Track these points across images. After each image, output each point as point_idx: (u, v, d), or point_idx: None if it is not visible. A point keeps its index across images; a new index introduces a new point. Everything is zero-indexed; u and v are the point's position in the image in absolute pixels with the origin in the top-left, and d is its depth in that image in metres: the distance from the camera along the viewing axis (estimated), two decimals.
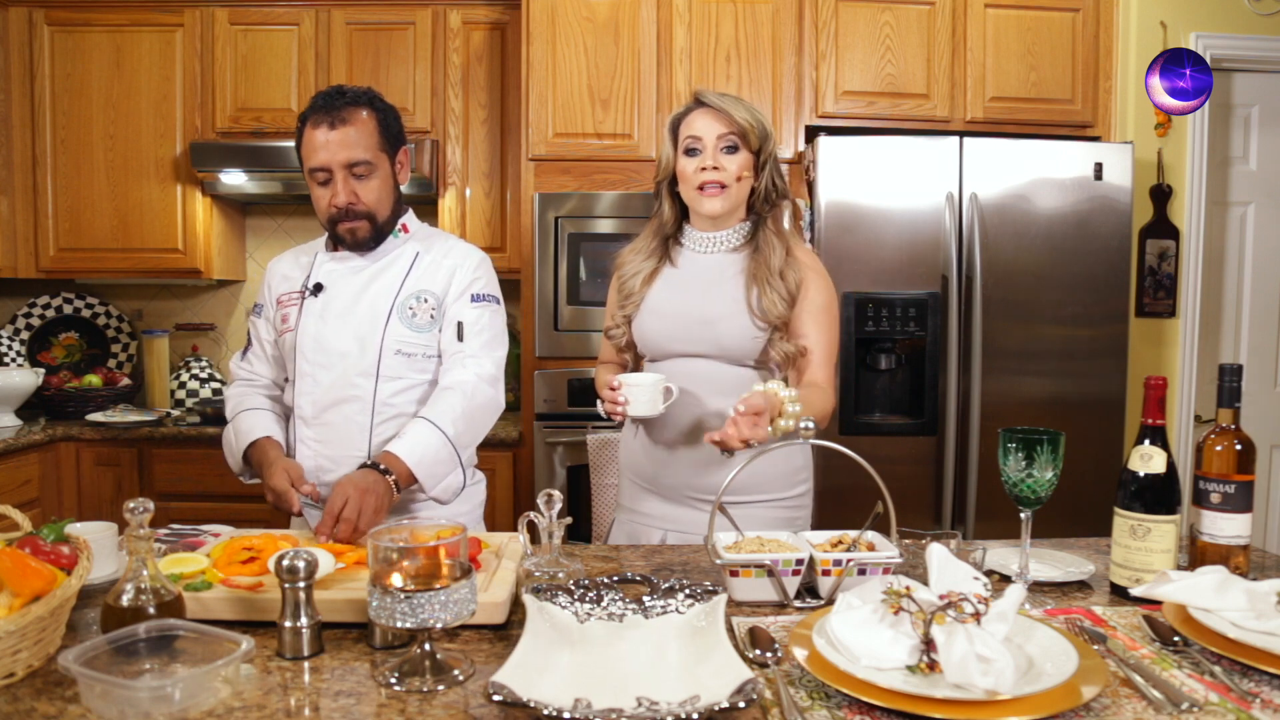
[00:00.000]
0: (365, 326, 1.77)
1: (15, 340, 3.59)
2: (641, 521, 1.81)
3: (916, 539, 1.33)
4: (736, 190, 1.69)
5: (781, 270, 1.67)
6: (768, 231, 1.72)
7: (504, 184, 3.39)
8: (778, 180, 1.72)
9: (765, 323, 1.68)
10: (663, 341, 1.77)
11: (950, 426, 2.87)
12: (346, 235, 1.76)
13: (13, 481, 2.90)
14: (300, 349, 1.78)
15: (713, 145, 1.67)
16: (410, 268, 1.81)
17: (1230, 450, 1.34)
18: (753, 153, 1.69)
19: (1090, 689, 0.94)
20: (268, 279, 1.91)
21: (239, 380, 1.91)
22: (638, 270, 1.80)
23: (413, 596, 1.00)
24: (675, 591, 1.18)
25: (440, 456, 1.69)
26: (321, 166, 1.70)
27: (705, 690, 0.94)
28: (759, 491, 1.71)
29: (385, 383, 1.77)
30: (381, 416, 1.77)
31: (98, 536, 1.35)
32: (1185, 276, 3.16)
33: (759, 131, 1.67)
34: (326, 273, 1.81)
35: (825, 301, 1.72)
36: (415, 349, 1.79)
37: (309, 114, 1.72)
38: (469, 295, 1.82)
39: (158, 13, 3.34)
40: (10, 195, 3.34)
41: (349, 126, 1.69)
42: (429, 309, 1.80)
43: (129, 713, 0.90)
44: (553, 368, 3.02)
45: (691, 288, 1.74)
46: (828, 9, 3.08)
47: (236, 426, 1.82)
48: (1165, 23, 3.07)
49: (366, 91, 1.76)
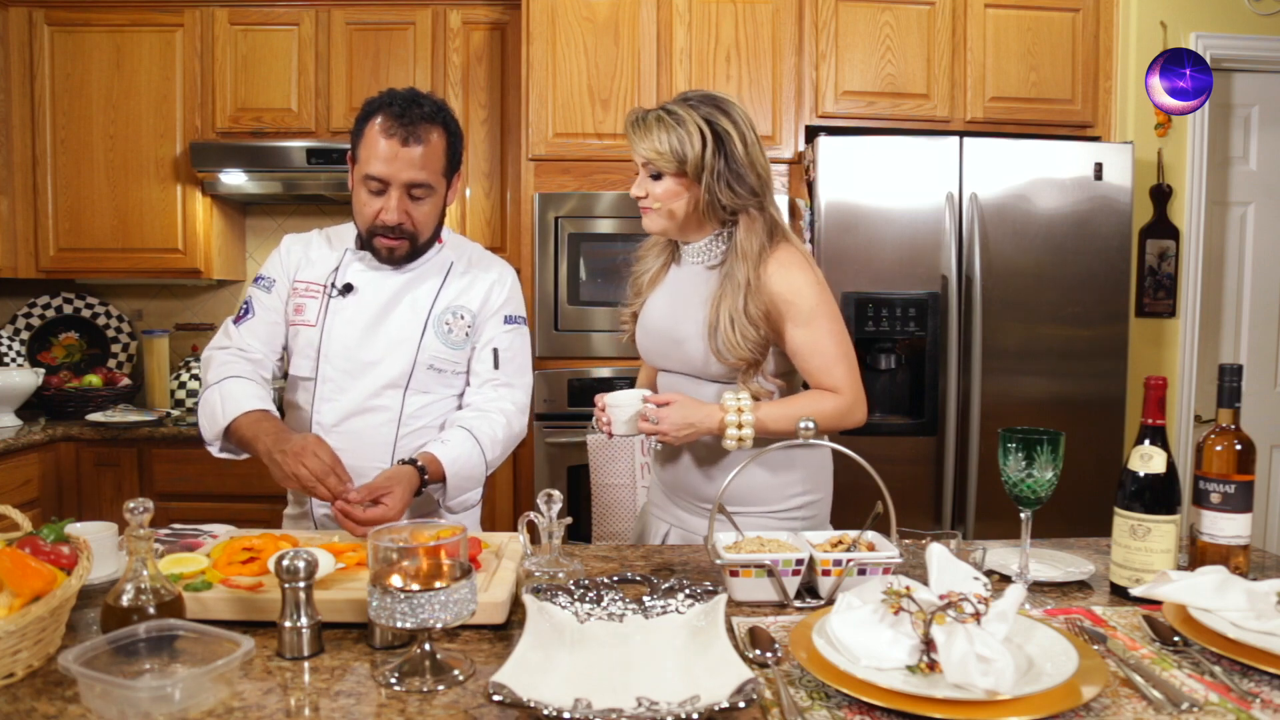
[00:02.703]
0: (399, 338, 1.73)
1: (15, 340, 3.59)
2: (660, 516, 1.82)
3: (916, 539, 1.33)
4: (671, 212, 1.64)
5: (745, 306, 1.59)
6: (735, 258, 1.63)
7: (504, 184, 3.40)
8: (722, 194, 1.59)
9: (723, 363, 1.62)
10: (650, 355, 1.80)
11: (950, 426, 2.87)
12: (384, 251, 1.71)
13: (13, 481, 2.90)
14: (326, 353, 1.73)
15: (641, 170, 1.66)
16: (445, 280, 1.78)
17: (1230, 450, 1.34)
18: (678, 176, 1.61)
19: (1090, 689, 0.94)
20: (284, 256, 1.81)
21: (229, 347, 1.76)
22: (647, 269, 1.82)
23: (413, 596, 1.00)
24: (675, 591, 1.18)
25: (473, 474, 1.70)
26: (381, 178, 1.64)
27: (705, 690, 0.94)
28: (750, 503, 1.67)
29: (414, 396, 1.75)
30: (407, 429, 1.74)
31: (98, 536, 1.35)
32: (1185, 276, 3.16)
33: (668, 160, 1.59)
34: (356, 273, 1.75)
35: (811, 306, 1.61)
36: (447, 365, 1.77)
37: (379, 114, 1.64)
38: (503, 316, 1.81)
39: (158, 13, 3.34)
40: (10, 195, 3.34)
41: (421, 146, 1.63)
42: (464, 325, 1.78)
43: (129, 713, 0.90)
44: (553, 368, 3.02)
45: (674, 303, 1.72)
46: (828, 9, 3.08)
47: (224, 391, 1.66)
48: (1165, 23, 3.07)
49: (442, 108, 1.69)
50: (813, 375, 1.65)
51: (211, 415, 1.66)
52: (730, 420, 1.58)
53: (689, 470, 1.73)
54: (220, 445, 1.68)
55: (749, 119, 1.64)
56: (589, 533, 2.84)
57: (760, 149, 1.64)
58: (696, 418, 1.60)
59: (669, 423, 1.60)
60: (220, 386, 1.68)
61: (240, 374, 1.70)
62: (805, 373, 1.67)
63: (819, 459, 1.75)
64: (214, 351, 1.77)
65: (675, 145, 1.58)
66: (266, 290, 1.80)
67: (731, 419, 1.58)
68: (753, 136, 1.63)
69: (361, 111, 1.69)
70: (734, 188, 1.60)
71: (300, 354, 1.77)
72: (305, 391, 1.77)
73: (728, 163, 1.59)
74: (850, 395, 1.63)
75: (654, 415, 1.61)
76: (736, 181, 1.60)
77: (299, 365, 1.78)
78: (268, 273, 1.82)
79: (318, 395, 1.74)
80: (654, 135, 1.60)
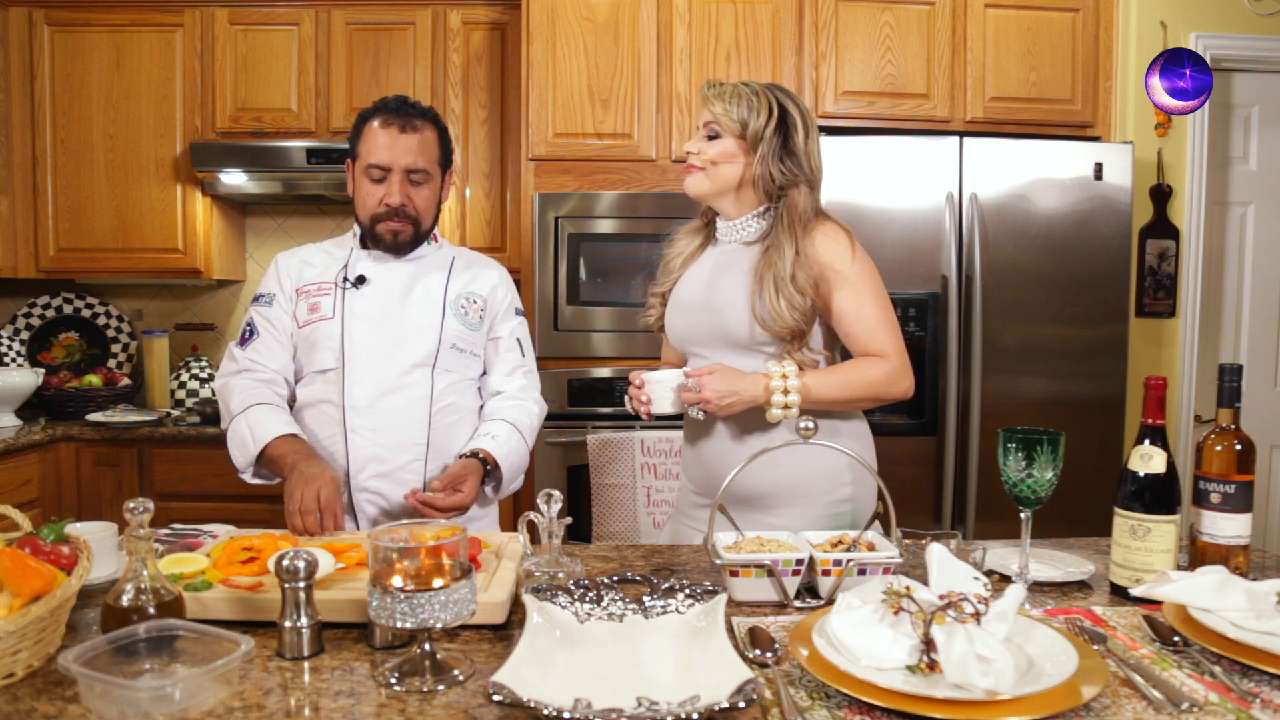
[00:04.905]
0: (421, 323, 1.81)
1: (15, 340, 3.59)
2: (688, 524, 1.78)
3: (916, 539, 1.33)
4: (718, 174, 1.69)
5: (793, 273, 1.61)
6: (781, 227, 1.66)
7: (504, 184, 3.40)
8: (773, 167, 1.65)
9: (767, 331, 1.62)
10: (682, 332, 1.77)
11: (950, 426, 2.87)
12: (388, 235, 1.80)
13: (13, 481, 2.90)
14: (350, 336, 1.78)
15: (700, 130, 1.73)
16: (450, 271, 1.88)
17: (1230, 450, 1.34)
18: (739, 139, 1.67)
19: (1090, 689, 0.94)
20: (279, 271, 1.87)
21: (242, 371, 1.82)
22: (680, 251, 1.84)
23: (413, 596, 1.00)
24: (675, 591, 1.18)
25: (521, 465, 1.85)
26: (383, 165, 1.76)
27: (705, 690, 0.94)
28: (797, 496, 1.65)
29: (441, 375, 1.82)
30: (438, 406, 1.81)
31: (98, 536, 1.35)
32: (1185, 276, 3.16)
33: (732, 121, 1.67)
34: (367, 267, 1.83)
35: (858, 273, 1.64)
36: (467, 345, 1.86)
37: (376, 114, 1.78)
38: (514, 309, 1.95)
39: (158, 13, 3.34)
40: (10, 195, 3.34)
41: (418, 134, 1.77)
42: (479, 309, 1.88)
43: (129, 713, 0.90)
44: (553, 368, 3.02)
45: (713, 275, 1.73)
46: (828, 9, 3.08)
47: (250, 420, 1.74)
48: (1165, 23, 3.07)
49: (431, 109, 1.84)
50: (858, 340, 1.65)
51: (242, 444, 1.74)
52: (775, 386, 1.57)
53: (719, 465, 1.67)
54: (253, 472, 1.76)
55: (814, 120, 1.73)
56: (589, 533, 2.84)
57: (818, 145, 1.72)
58: (741, 386, 1.59)
59: (711, 389, 1.58)
60: (246, 415, 1.75)
61: (263, 400, 1.77)
62: (850, 338, 1.66)
63: (863, 438, 1.73)
64: (228, 379, 1.83)
65: (743, 111, 1.67)
66: (268, 305, 1.85)
67: (777, 384, 1.57)
68: (814, 134, 1.71)
69: (358, 119, 1.82)
70: (785, 164, 1.66)
71: (320, 348, 1.80)
72: (329, 383, 1.79)
73: (785, 143, 1.67)
74: (897, 361, 1.63)
75: (696, 384, 1.59)
76: (790, 161, 1.67)
77: (319, 360, 1.80)
78: (266, 290, 1.88)
79: (347, 379, 1.77)
80: (727, 98, 1.69)
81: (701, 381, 1.59)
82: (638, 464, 2.79)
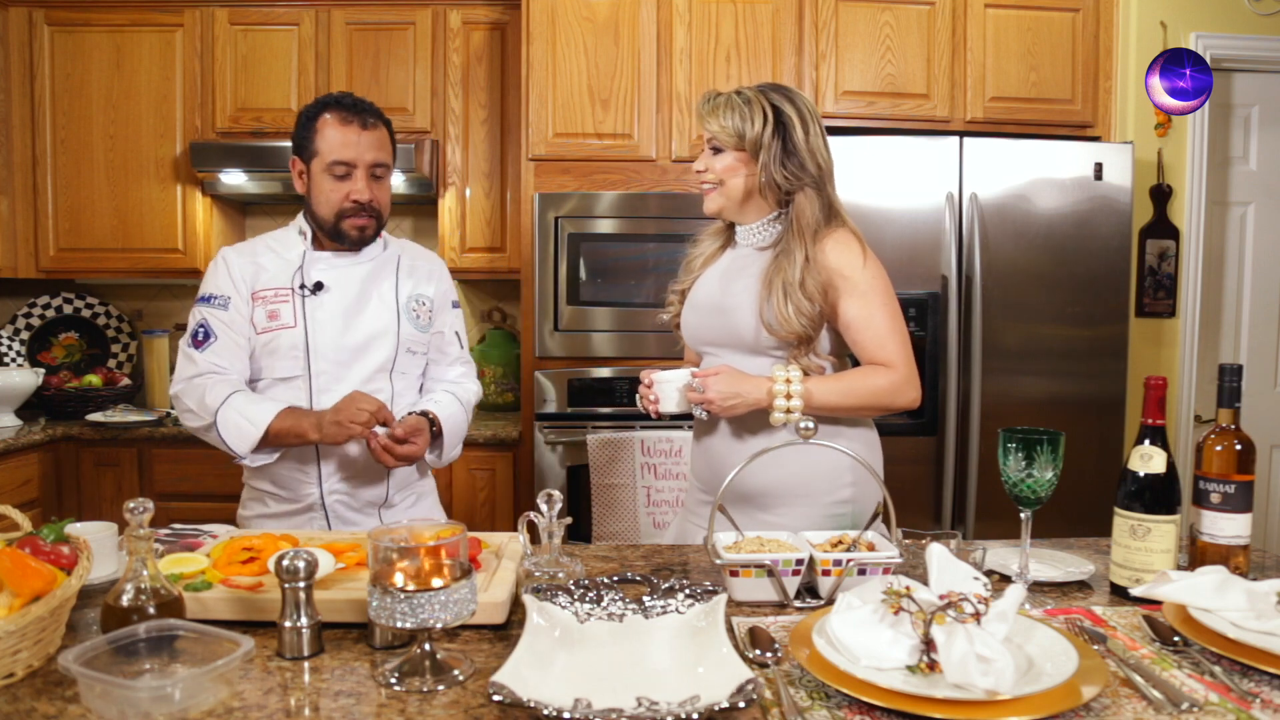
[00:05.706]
0: (379, 328, 1.85)
1: (15, 340, 3.59)
2: (694, 522, 1.79)
3: (916, 539, 1.33)
4: (728, 188, 1.70)
5: (802, 280, 1.61)
6: (791, 234, 1.66)
7: (504, 184, 3.39)
8: (776, 173, 1.65)
9: (774, 336, 1.62)
10: (695, 331, 1.78)
11: (950, 426, 2.87)
12: (353, 231, 1.82)
13: (13, 481, 2.90)
14: (315, 347, 1.79)
15: (706, 146, 1.73)
16: (398, 273, 1.91)
17: (1230, 450, 1.34)
18: (739, 150, 1.68)
19: (1090, 689, 0.94)
20: (229, 270, 1.80)
21: (204, 374, 1.76)
22: (702, 251, 1.85)
23: (413, 596, 1.00)
24: (675, 591, 1.18)
25: (460, 430, 1.92)
26: (348, 161, 1.78)
27: (705, 690, 0.94)
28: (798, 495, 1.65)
29: (398, 378, 1.88)
30: (397, 407, 1.85)
31: (98, 536, 1.35)
32: (1185, 276, 3.16)
33: (729, 135, 1.67)
34: (322, 271, 1.83)
35: (867, 281, 1.64)
36: (419, 348, 1.92)
37: (327, 111, 1.80)
38: (450, 301, 2.01)
39: (158, 13, 3.34)
40: (10, 195, 3.34)
41: (377, 131, 1.82)
42: (427, 311, 1.94)
43: (129, 713, 0.90)
44: (553, 368, 3.02)
45: (726, 277, 1.74)
46: (828, 9, 3.08)
47: (238, 406, 1.72)
48: (1165, 23, 3.07)
49: (375, 106, 1.86)
50: (865, 349, 1.65)
51: (239, 430, 1.72)
52: (779, 390, 1.58)
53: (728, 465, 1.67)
54: (255, 456, 1.77)
55: (815, 111, 1.71)
56: (589, 533, 2.84)
57: (823, 139, 1.70)
58: (744, 388, 1.60)
59: (715, 390, 1.60)
60: (230, 403, 1.73)
61: (238, 389, 1.77)
62: (858, 347, 1.66)
63: (868, 442, 1.73)
64: (192, 381, 1.77)
65: (738, 122, 1.67)
66: (223, 308, 1.79)
67: (780, 388, 1.58)
68: (816, 127, 1.69)
69: (305, 115, 1.83)
70: (788, 168, 1.66)
71: (283, 356, 1.79)
72: (294, 389, 1.80)
73: (785, 145, 1.66)
74: (904, 371, 1.64)
75: (700, 384, 1.62)
76: (792, 163, 1.66)
77: (281, 368, 1.79)
78: (218, 290, 1.80)
79: (314, 389, 1.80)
80: (721, 113, 1.69)
81: (706, 382, 1.61)
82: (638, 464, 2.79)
